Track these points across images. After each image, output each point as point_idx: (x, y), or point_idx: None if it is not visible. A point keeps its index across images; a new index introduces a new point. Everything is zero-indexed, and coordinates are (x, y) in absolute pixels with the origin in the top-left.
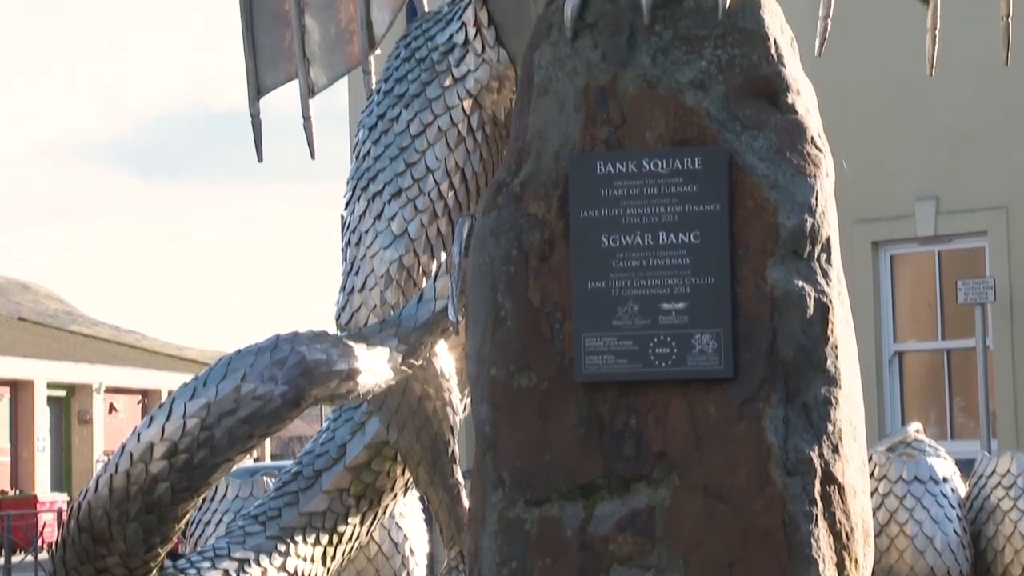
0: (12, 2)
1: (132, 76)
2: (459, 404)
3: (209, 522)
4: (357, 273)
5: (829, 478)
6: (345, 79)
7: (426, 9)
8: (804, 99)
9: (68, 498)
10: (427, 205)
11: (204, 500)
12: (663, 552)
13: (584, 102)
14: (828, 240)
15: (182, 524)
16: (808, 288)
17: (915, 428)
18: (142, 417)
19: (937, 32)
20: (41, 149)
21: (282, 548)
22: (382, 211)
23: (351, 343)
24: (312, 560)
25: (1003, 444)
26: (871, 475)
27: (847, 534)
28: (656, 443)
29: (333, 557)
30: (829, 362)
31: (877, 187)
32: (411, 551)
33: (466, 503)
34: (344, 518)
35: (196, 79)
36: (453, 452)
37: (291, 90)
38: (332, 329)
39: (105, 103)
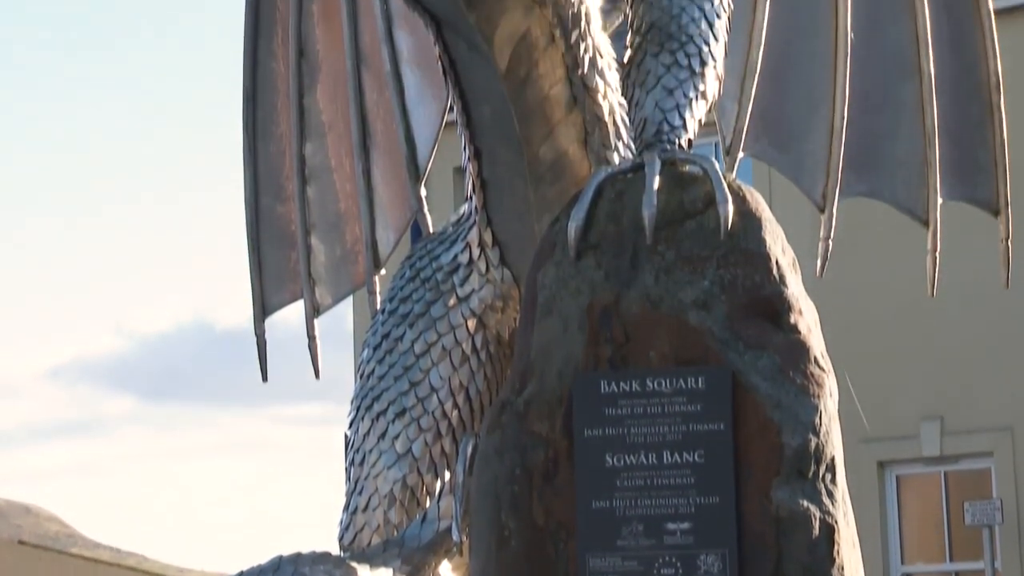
0: (28, 234)
1: (138, 296)
2: None
3: None
4: (361, 493)
5: None
6: (350, 299)
7: (430, 229)
8: (806, 319)
9: None
10: (431, 424)
11: None
12: None
13: (587, 321)
14: (833, 460)
15: None
16: (813, 509)
17: None
18: None
19: (938, 253)
20: (47, 371)
21: None
22: (386, 430)
23: (354, 564)
24: None
25: None
26: None
27: None
28: None
29: None
30: None
31: (882, 407)
32: None
33: None
34: None
35: (202, 298)
36: None
37: (296, 309)
38: (335, 549)
39: (112, 324)
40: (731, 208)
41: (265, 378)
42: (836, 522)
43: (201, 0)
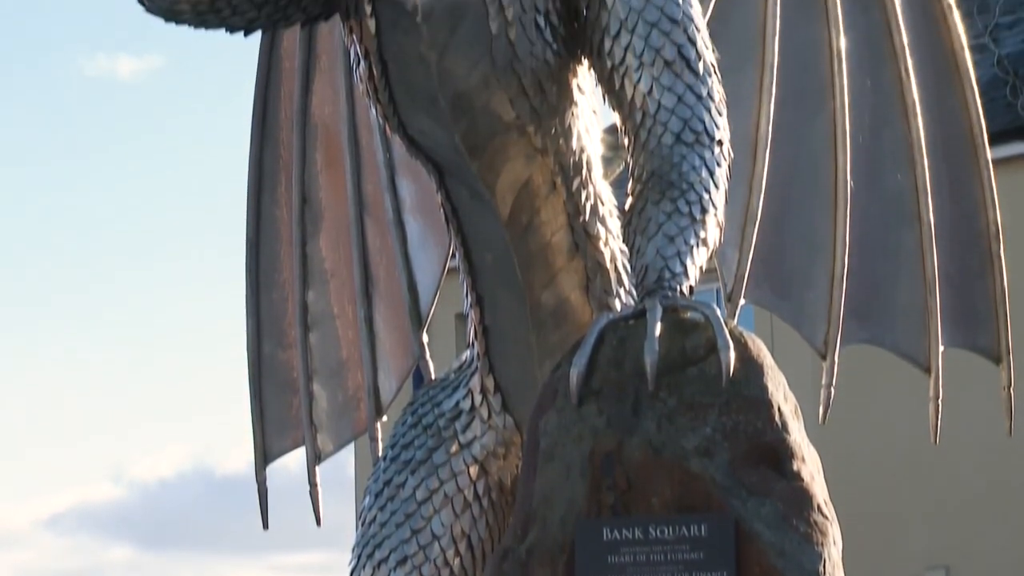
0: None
1: (138, 443)
2: None
3: None
4: None
5: None
6: (351, 445)
7: (432, 376)
8: (809, 466)
9: None
10: (433, 572)
11: None
12: None
13: (590, 468)
14: None
15: None
16: None
17: None
18: None
19: (940, 401)
20: (46, 519)
21: None
22: None
23: None
24: None
25: None
26: None
27: None
28: None
29: None
30: None
31: (886, 555)
32: None
33: None
34: None
35: (202, 444)
36: None
37: (297, 456)
38: None
39: (111, 471)
40: (733, 355)
41: (266, 526)
42: None
43: (201, 153)
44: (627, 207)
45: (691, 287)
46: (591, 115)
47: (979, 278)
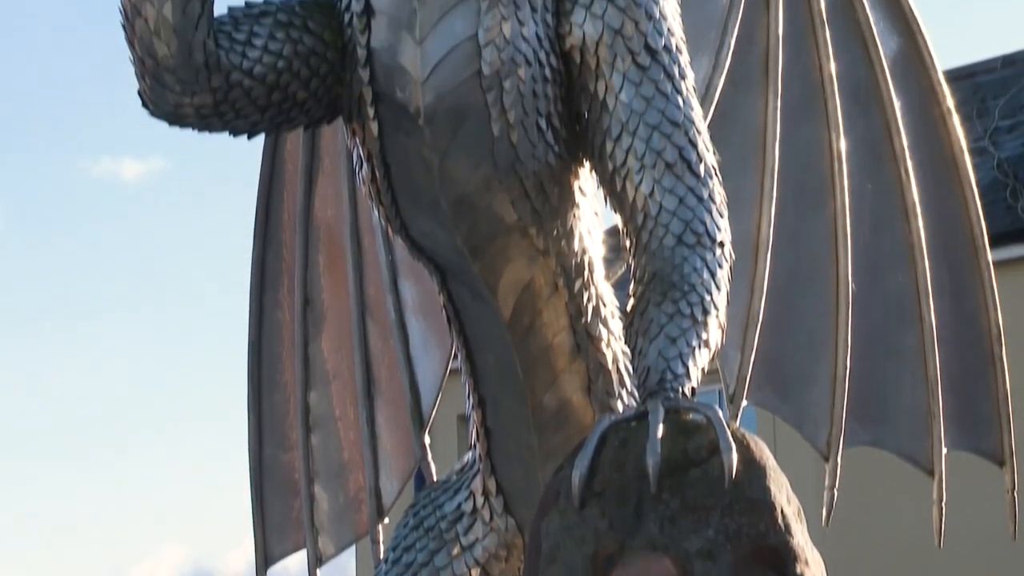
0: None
1: (138, 545)
2: None
3: None
4: None
5: None
6: (353, 548)
7: (434, 477)
8: (813, 569)
9: None
10: None
11: None
12: None
13: (592, 570)
14: None
15: None
16: None
17: None
18: None
19: (944, 504)
20: None
21: None
22: None
23: None
24: None
25: None
26: None
27: None
28: None
29: None
30: None
31: None
32: None
33: None
34: None
35: (202, 546)
36: None
37: (298, 558)
38: None
39: (109, 574)
40: (735, 457)
41: None
42: None
43: (203, 254)
44: (629, 308)
45: (693, 388)
46: (593, 217)
47: (981, 380)
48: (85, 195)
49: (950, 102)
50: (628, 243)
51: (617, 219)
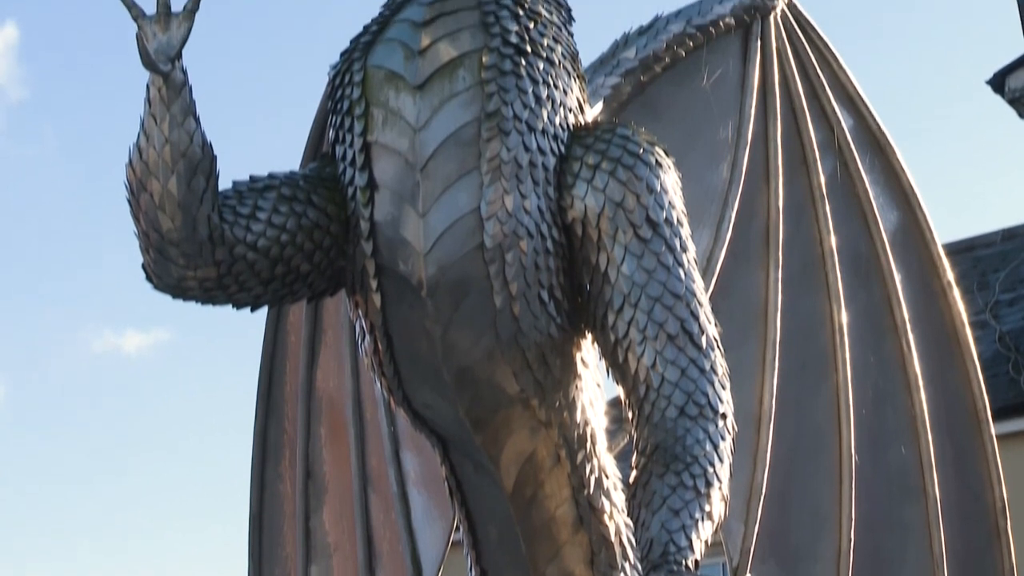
0: None
1: None
2: None
3: None
4: None
5: None
6: None
7: None
8: None
9: None
10: None
11: None
12: None
13: None
14: None
15: None
16: None
17: None
18: None
19: None
20: None
21: None
22: None
23: None
24: None
25: None
26: None
27: None
28: None
29: None
30: None
31: None
32: None
33: None
34: None
35: None
36: None
37: None
38: None
39: None
40: None
41: None
42: None
43: (206, 426)
44: (631, 480)
45: (697, 561)
46: (595, 388)
47: (987, 554)
48: (87, 369)
49: (950, 275)
50: (630, 415)
51: (619, 390)
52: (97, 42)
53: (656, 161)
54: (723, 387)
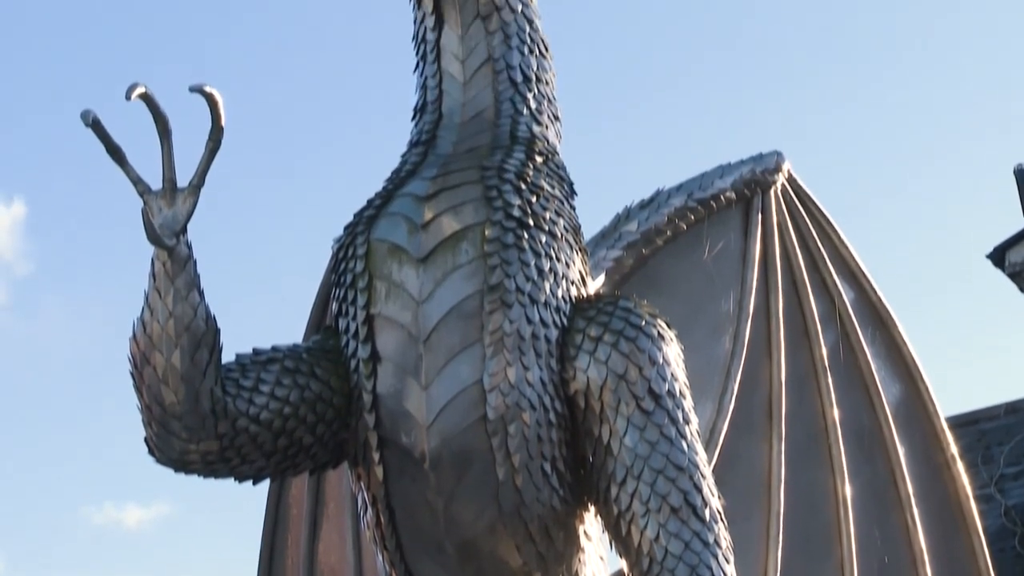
0: None
1: None
2: None
3: None
4: None
5: None
6: None
7: None
8: None
9: None
10: None
11: None
12: None
13: None
14: None
15: None
16: None
17: None
18: None
19: None
20: None
21: None
22: None
23: None
24: None
25: None
26: None
27: None
28: None
29: None
30: None
31: None
32: None
33: None
34: None
35: None
36: None
37: None
38: None
39: None
40: None
41: None
42: None
43: None
44: None
45: None
46: (598, 561)
47: None
48: (87, 542)
49: (954, 449)
50: None
51: (623, 563)
52: (104, 216)
53: (658, 333)
54: (727, 560)
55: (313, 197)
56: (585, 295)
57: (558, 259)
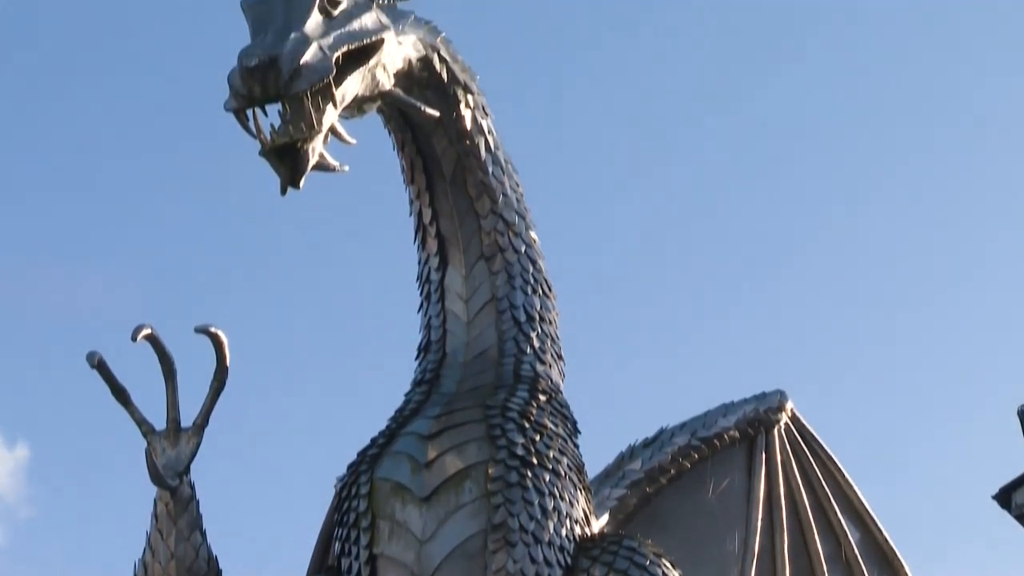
0: None
1: None
2: None
3: None
4: None
5: None
6: None
7: None
8: None
9: None
10: None
11: None
12: None
13: None
14: None
15: None
16: None
17: None
18: None
19: None
20: None
21: None
22: None
23: None
24: None
25: None
26: None
27: None
28: None
29: None
30: None
31: None
32: None
33: None
34: None
35: None
36: None
37: None
38: None
39: None
40: None
41: None
42: None
43: None
44: None
45: None
46: None
47: None
48: None
49: None
50: None
51: None
52: (108, 459)
53: (663, 573)
54: None
55: (317, 436)
56: (589, 534)
57: (562, 498)
